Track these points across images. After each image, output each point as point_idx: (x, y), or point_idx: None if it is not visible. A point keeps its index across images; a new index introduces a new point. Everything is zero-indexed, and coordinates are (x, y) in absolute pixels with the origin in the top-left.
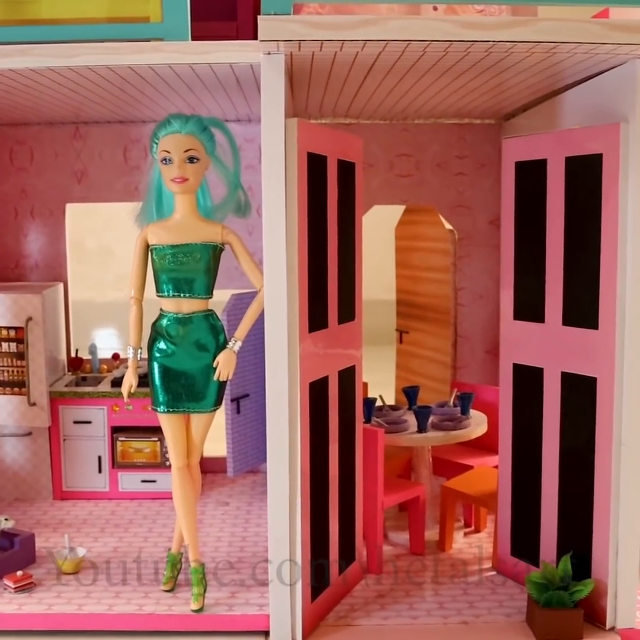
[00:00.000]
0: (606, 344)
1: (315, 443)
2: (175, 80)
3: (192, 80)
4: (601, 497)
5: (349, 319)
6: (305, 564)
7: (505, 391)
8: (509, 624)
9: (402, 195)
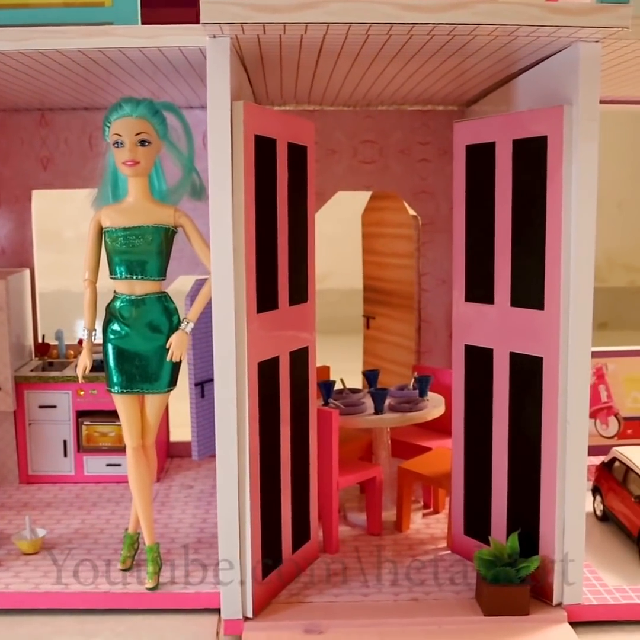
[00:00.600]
0: (551, 324)
1: (266, 423)
2: (131, 66)
3: (147, 66)
4: (548, 475)
5: (301, 301)
6: (255, 543)
7: (458, 372)
8: (458, 601)
9: (366, 181)
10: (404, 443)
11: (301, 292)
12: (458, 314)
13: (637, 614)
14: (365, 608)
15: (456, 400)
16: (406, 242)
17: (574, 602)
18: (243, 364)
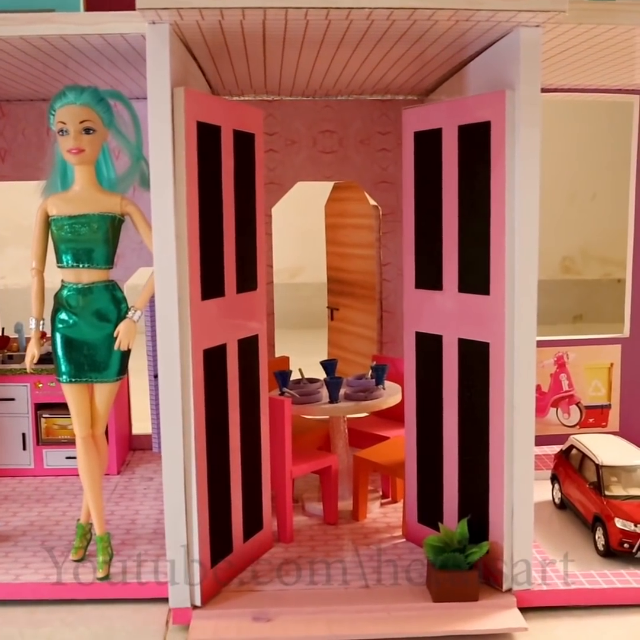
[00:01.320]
0: (497, 310)
1: (213, 411)
2: (79, 55)
3: (95, 55)
4: (496, 460)
5: (250, 289)
6: (203, 532)
7: (409, 360)
8: (409, 588)
9: (326, 171)
10: (362, 432)
11: (250, 280)
12: (409, 301)
13: (586, 598)
14: (315, 596)
15: (408, 388)
16: (367, 233)
17: (524, 588)
18: (187, 351)
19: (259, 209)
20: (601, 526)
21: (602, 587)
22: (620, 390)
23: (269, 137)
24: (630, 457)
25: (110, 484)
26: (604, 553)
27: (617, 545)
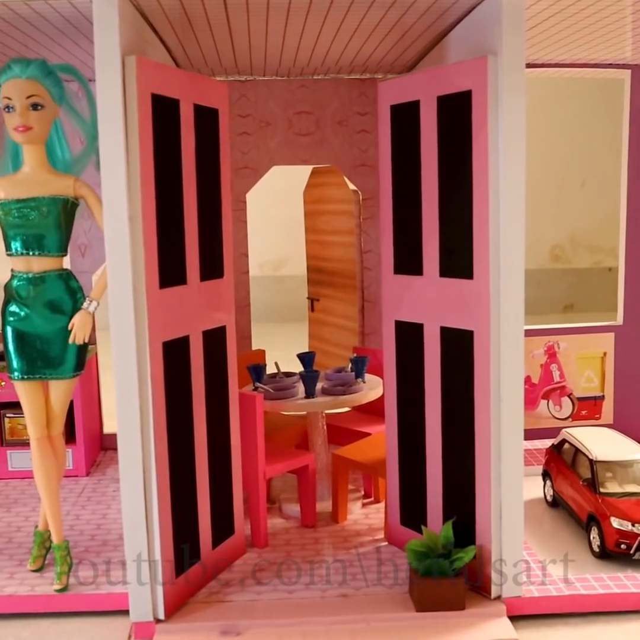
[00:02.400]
0: (481, 295)
1: (175, 408)
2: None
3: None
4: (482, 457)
5: (215, 276)
6: (166, 538)
7: (389, 351)
8: (390, 596)
9: (303, 154)
10: (342, 429)
11: (215, 267)
12: (387, 288)
13: (582, 605)
14: (289, 606)
15: (388, 381)
16: (347, 219)
17: (514, 595)
18: (144, 343)
19: (224, 190)
20: (596, 526)
21: (599, 593)
22: (614, 381)
23: (242, 119)
24: (626, 452)
25: (78, 486)
26: (600, 554)
27: (613, 546)
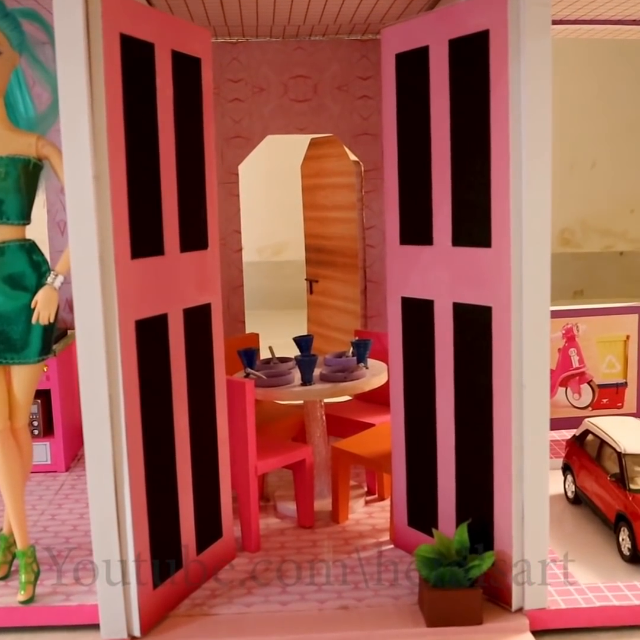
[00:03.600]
0: (500, 265)
1: (151, 396)
2: None
3: None
4: (501, 450)
5: (198, 247)
6: (141, 544)
7: (395, 332)
8: (396, 608)
9: (299, 123)
10: (343, 419)
11: (198, 237)
12: (393, 261)
13: (614, 618)
14: (282, 620)
15: (394, 365)
16: (348, 193)
17: (538, 607)
18: (113, 322)
19: (208, 151)
20: (626, 526)
21: (633, 604)
22: (638, 366)
23: (234, 84)
24: None
25: (56, 482)
26: (630, 558)
27: None
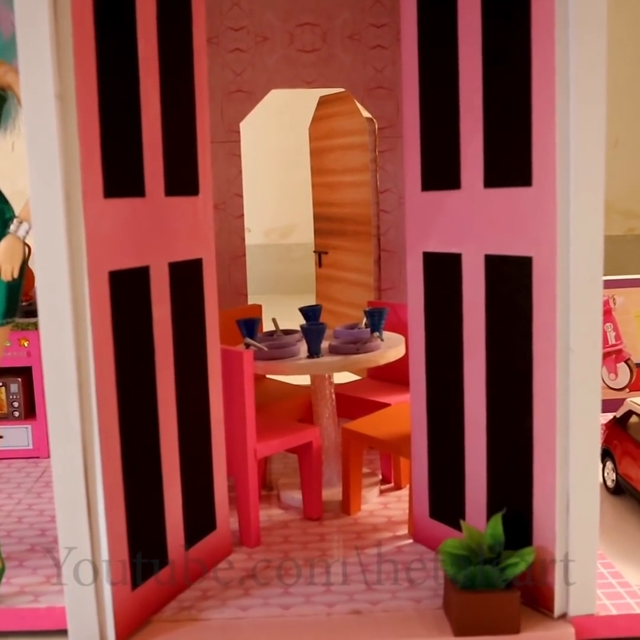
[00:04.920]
0: (543, 207)
1: (129, 364)
2: None
3: None
4: (543, 429)
5: (187, 193)
6: (115, 537)
7: (415, 294)
8: (418, 613)
9: (306, 75)
10: (355, 399)
11: (187, 180)
12: (413, 211)
13: None
14: (283, 626)
15: (414, 332)
16: (360, 153)
17: (585, 613)
18: (81, 272)
19: (199, 80)
20: None
21: None
22: None
23: (235, 32)
24: None
25: (37, 469)
26: None
27: None
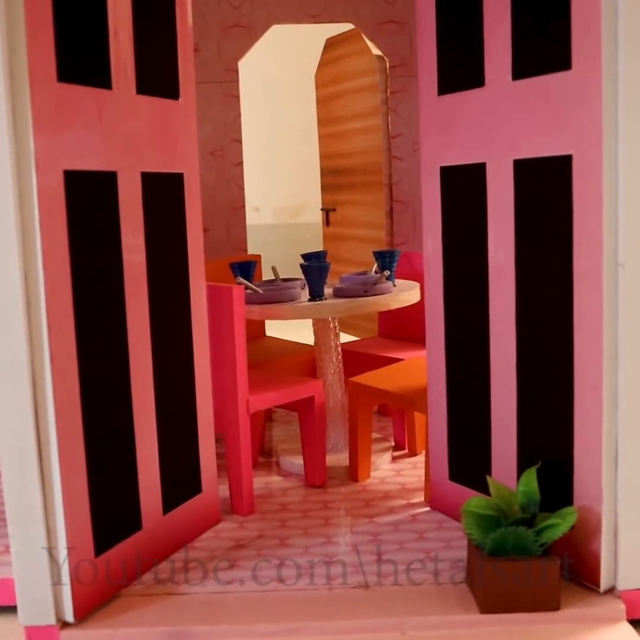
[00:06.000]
0: (585, 94)
1: (90, 288)
2: None
3: None
4: (587, 363)
5: (164, 94)
6: (74, 493)
7: (431, 220)
8: (436, 589)
9: (311, 8)
10: (364, 355)
11: (164, 80)
12: (428, 121)
13: None
14: (276, 602)
15: (431, 267)
16: (371, 95)
17: (637, 587)
18: (29, 174)
19: None
20: None
21: None
22: None
23: None
24: None
25: None
26: None
27: None
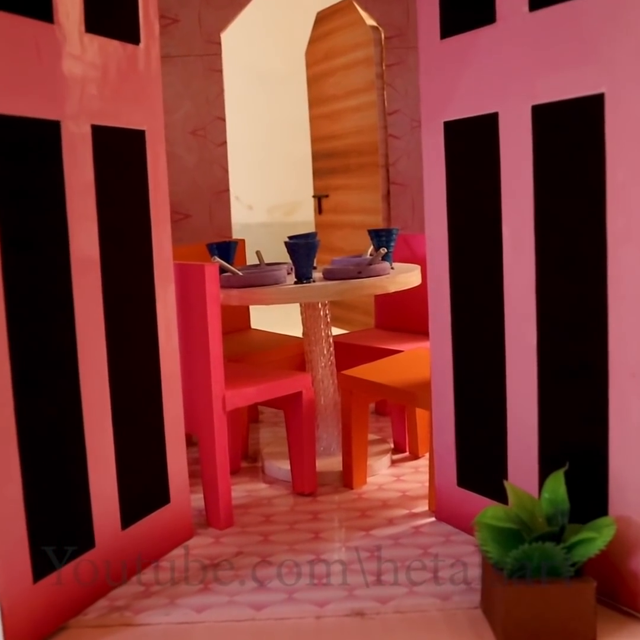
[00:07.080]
0: (615, 22)
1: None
2: None
3: None
4: (625, 340)
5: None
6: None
7: (434, 181)
8: (445, 615)
9: None
10: (359, 347)
11: (119, 20)
12: (430, 69)
13: None
14: (252, 634)
15: (434, 243)
16: (365, 69)
17: None
18: None
19: None
20: None
21: None
22: None
23: None
24: None
25: None
26: None
27: None
